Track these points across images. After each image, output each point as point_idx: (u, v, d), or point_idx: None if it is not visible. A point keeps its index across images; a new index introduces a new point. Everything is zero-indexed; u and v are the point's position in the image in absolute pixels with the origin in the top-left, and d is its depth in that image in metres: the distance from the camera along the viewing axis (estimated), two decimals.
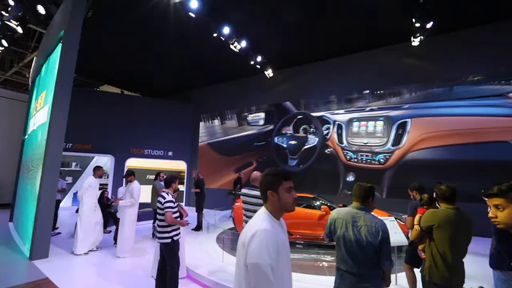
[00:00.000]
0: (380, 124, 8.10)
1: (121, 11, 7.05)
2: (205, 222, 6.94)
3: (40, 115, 5.89)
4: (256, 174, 3.51)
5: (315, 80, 9.71)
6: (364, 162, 8.25)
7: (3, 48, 8.42)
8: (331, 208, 5.37)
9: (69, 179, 11.41)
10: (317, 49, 8.88)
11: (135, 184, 5.13)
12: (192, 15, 6.49)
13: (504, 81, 6.67)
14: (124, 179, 5.31)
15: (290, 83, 10.36)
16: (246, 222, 3.48)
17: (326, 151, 9.12)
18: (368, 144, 8.19)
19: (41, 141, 5.33)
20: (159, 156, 11.81)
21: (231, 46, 7.81)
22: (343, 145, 8.75)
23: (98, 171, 5.26)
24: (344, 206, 5.69)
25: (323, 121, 9.37)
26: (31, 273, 4.19)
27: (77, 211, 6.05)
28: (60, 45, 5.15)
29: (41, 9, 6.87)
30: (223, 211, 9.12)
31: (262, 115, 11.51)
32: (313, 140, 9.53)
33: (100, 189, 5.66)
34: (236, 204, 5.70)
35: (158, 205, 3.25)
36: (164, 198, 3.21)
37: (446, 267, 2.21)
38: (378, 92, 8.36)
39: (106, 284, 3.89)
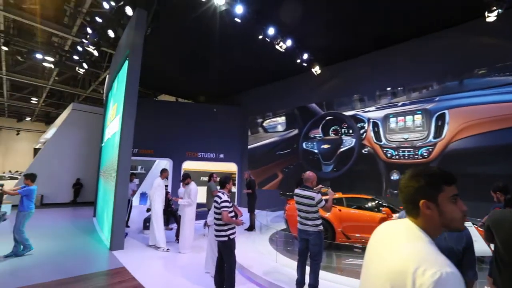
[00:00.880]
0: (418, 117, 7.63)
1: (172, 27, 7.68)
2: (257, 222, 7.09)
3: (113, 125, 6.77)
4: (309, 174, 3.47)
5: (350, 77, 9.29)
6: (406, 158, 7.73)
7: (84, 70, 9.92)
8: (394, 211, 4.98)
9: (136, 181, 12.82)
10: (357, 44, 8.48)
11: (192, 185, 5.52)
12: (238, 20, 6.72)
13: None
14: (181, 182, 5.76)
15: (330, 81, 9.97)
16: (301, 223, 3.45)
17: (363, 151, 8.60)
18: (409, 139, 7.68)
19: (114, 147, 6.13)
20: (211, 158, 12.47)
21: (277, 46, 7.86)
22: (381, 143, 8.22)
23: (164, 173, 5.83)
24: None
25: (357, 120, 8.86)
26: (111, 262, 4.83)
27: (148, 210, 6.76)
28: (126, 62, 5.85)
29: (111, 33, 7.90)
30: (274, 212, 9.18)
31: (280, 119, 11.27)
32: (349, 141, 9.02)
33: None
34: (288, 205, 5.69)
35: (215, 204, 3.44)
36: (220, 198, 3.39)
37: (502, 275, 1.88)
38: (411, 86, 7.82)
39: (170, 276, 4.27)
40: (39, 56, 9.95)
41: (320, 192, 3.58)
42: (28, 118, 24.68)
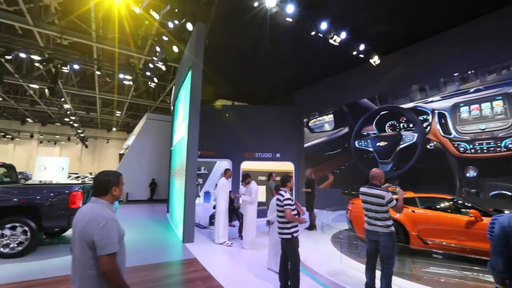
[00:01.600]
0: (498, 104, 6.37)
1: (226, 34, 8.12)
2: (318, 222, 6.96)
3: (181, 130, 7.52)
4: (376, 171, 3.27)
5: (408, 66, 8.31)
6: (485, 151, 6.50)
7: (154, 84, 11.28)
8: (485, 214, 4.31)
9: (200, 181, 13.92)
10: (418, 27, 7.55)
11: (253, 184, 5.74)
12: (289, 19, 6.73)
13: None
14: (242, 182, 6.05)
15: (385, 73, 9.07)
16: (369, 223, 3.27)
17: (428, 146, 7.53)
18: (487, 130, 6.44)
19: (182, 150, 6.80)
20: (268, 158, 12.69)
21: (330, 41, 7.59)
22: (451, 136, 7.11)
23: (228, 173, 6.24)
24: (497, 210, 4.45)
25: (417, 112, 7.82)
26: (184, 253, 5.38)
27: (214, 207, 7.30)
28: (189, 73, 6.45)
29: (175, 49, 8.80)
30: (335, 211, 8.85)
31: (328, 118, 10.50)
32: (410, 137, 8.03)
33: None
34: (351, 204, 5.44)
35: (277, 202, 3.53)
36: (283, 196, 3.46)
37: None
38: (486, 68, 6.56)
39: (235, 269, 4.53)
40: (121, 76, 11.69)
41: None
42: (114, 129, 29.15)
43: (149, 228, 7.75)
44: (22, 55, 10.19)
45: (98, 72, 11.40)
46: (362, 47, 8.25)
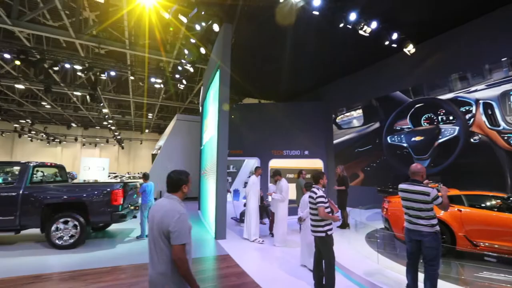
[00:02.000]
0: None
1: (251, 32, 8.13)
2: (352, 220, 6.76)
3: (210, 129, 7.72)
4: (417, 166, 3.10)
5: (446, 53, 7.65)
6: None
7: (183, 85, 11.69)
8: None
9: (229, 179, 14.18)
10: (458, 9, 6.88)
11: (283, 182, 5.73)
12: (316, 13, 6.58)
13: None
14: (272, 178, 6.07)
15: (420, 62, 8.44)
16: (410, 222, 3.09)
17: (471, 140, 6.87)
18: None
19: (212, 149, 6.97)
20: (296, 155, 12.55)
21: (360, 32, 7.29)
22: (500, 128, 6.39)
23: (258, 170, 6.30)
24: None
25: (458, 103, 7.14)
26: (217, 249, 5.53)
27: (244, 205, 7.42)
28: (217, 73, 6.59)
29: (202, 50, 9.03)
30: (369, 209, 8.52)
31: (356, 113, 9.89)
32: (450, 130, 7.37)
33: None
34: (387, 202, 5.20)
35: (310, 199, 3.49)
36: (316, 193, 3.41)
37: None
38: None
39: (268, 266, 4.57)
40: (152, 79, 12.29)
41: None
42: (147, 130, 30.74)
43: None
44: (67, 65, 11.11)
45: (131, 77, 12.07)
46: (395, 36, 7.81)
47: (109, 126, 23.21)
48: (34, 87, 16.27)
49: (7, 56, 10.09)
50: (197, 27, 7.90)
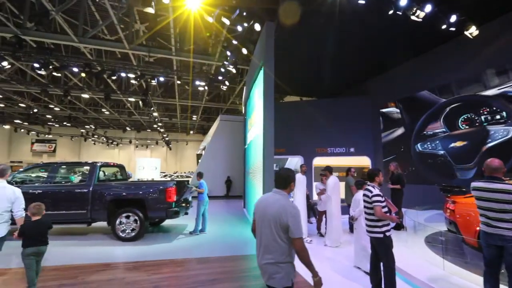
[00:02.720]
0: None
1: (292, 29, 7.96)
2: (410, 221, 6.23)
3: (254, 129, 7.79)
4: (494, 161, 2.72)
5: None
6: None
7: (226, 87, 12.02)
8: None
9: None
10: None
11: (331, 179, 5.52)
12: (362, 1, 6.20)
13: None
14: (321, 176, 5.90)
15: (455, 53, 7.28)
16: (488, 224, 2.70)
17: None
18: None
19: (258, 148, 7.02)
20: (341, 153, 12.02)
21: (413, 17, 6.66)
22: None
23: (303, 167, 6.19)
24: None
25: (509, 98, 5.98)
26: None
27: None
28: (261, 72, 6.61)
29: (244, 51, 9.16)
30: (427, 210, 7.77)
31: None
32: (502, 132, 6.17)
33: None
34: (452, 203, 4.65)
35: (365, 198, 3.29)
36: (371, 191, 3.20)
37: None
38: None
39: (319, 266, 4.33)
40: (196, 83, 12.88)
41: None
42: (191, 132, 32.42)
43: (230, 222, 8.30)
44: (122, 74, 12.23)
45: (178, 82, 12.79)
46: (453, 18, 6.98)
47: (158, 128, 25.02)
48: (96, 96, 18.28)
49: (75, 69, 11.47)
50: (239, 29, 8.05)
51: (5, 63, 11.07)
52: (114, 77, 12.09)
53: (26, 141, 31.42)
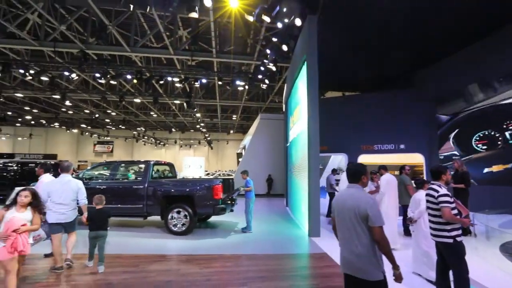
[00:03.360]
0: None
1: (333, 21, 7.63)
2: (481, 226, 5.54)
3: (297, 126, 7.65)
4: None
5: None
6: None
7: (266, 85, 12.03)
8: None
9: None
10: None
11: (384, 177, 5.15)
12: None
13: None
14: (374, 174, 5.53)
15: None
16: None
17: None
18: None
19: (301, 146, 6.88)
20: (390, 150, 11.18)
21: None
22: None
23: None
24: None
25: None
26: (312, 247, 5.40)
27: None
28: (304, 67, 6.45)
29: (284, 48, 9.05)
30: (500, 214, 6.81)
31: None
32: None
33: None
34: None
35: (429, 198, 2.98)
36: (437, 191, 2.88)
37: None
38: None
39: None
40: (236, 83, 13.13)
41: None
42: (231, 131, 33.29)
43: (273, 220, 8.29)
44: (169, 78, 13.02)
45: (219, 82, 13.19)
46: None
47: (200, 129, 26.17)
48: (146, 100, 19.78)
49: (128, 77, 12.54)
50: (279, 25, 7.96)
51: (73, 75, 12.59)
52: (161, 82, 12.92)
53: (89, 143, 35.47)
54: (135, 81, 13.12)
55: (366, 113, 11.39)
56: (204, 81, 13.34)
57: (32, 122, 28.28)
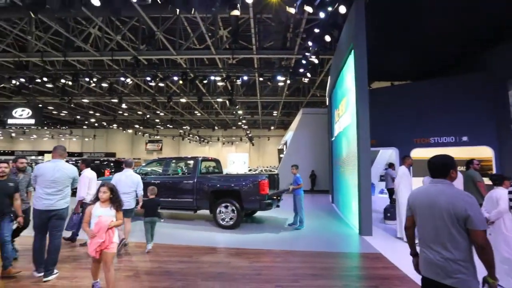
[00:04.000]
0: None
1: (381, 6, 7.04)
2: None
3: (343, 119, 7.29)
4: None
5: None
6: None
7: (308, 78, 11.71)
8: None
9: None
10: None
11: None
12: None
13: None
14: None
15: None
16: None
17: None
18: None
19: (349, 140, 6.54)
20: (449, 143, 10.00)
21: None
22: None
23: (408, 160, 5.42)
24: None
25: None
26: (365, 246, 5.11)
27: (392, 201, 6.63)
28: (350, 57, 6.09)
29: (327, 38, 8.66)
30: None
31: None
32: None
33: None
34: None
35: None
36: None
37: None
38: None
39: None
40: (277, 78, 13.03)
41: None
42: (272, 127, 33.33)
43: (321, 217, 8.07)
44: (211, 78, 13.47)
45: (260, 79, 13.23)
46: None
47: (242, 126, 26.67)
48: (190, 100, 20.81)
49: (175, 78, 13.29)
50: (322, 15, 7.64)
51: (128, 80, 13.81)
52: (205, 81, 13.44)
53: (142, 141, 38.82)
54: (180, 82, 13.86)
55: (419, 103, 10.37)
56: (245, 78, 13.50)
57: (96, 124, 31.90)
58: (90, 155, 35.83)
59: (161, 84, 15.78)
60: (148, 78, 12.75)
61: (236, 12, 7.34)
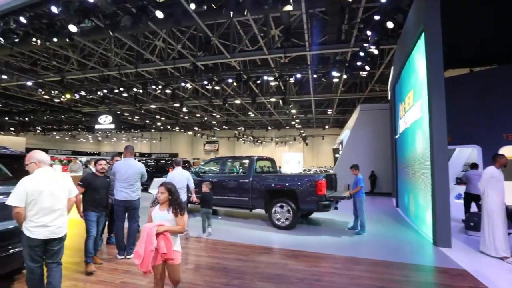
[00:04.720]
0: None
1: None
2: None
3: (411, 114, 6.48)
4: None
5: None
6: None
7: (366, 72, 10.83)
8: None
9: None
10: None
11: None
12: None
13: None
14: None
15: None
16: None
17: None
18: None
19: (417, 137, 5.77)
20: None
21: None
22: None
23: (501, 159, 4.46)
24: None
25: None
26: (443, 259, 4.41)
27: (479, 207, 5.65)
28: (419, 42, 5.36)
29: (389, 25, 7.83)
30: None
31: None
32: None
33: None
34: None
35: None
36: None
37: None
38: None
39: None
40: (332, 74, 12.39)
41: None
42: (327, 126, 32.03)
43: (386, 222, 7.32)
44: (265, 78, 13.56)
45: (314, 76, 12.78)
46: None
47: (295, 125, 26.28)
48: (244, 101, 21.37)
49: (229, 81, 13.79)
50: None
51: (188, 85, 14.90)
52: (258, 82, 13.60)
53: (200, 143, 41.67)
54: (235, 84, 14.31)
55: (509, 91, 8.60)
56: (298, 76, 13.23)
57: (161, 128, 35.38)
58: (158, 155, 39.93)
59: (217, 87, 16.58)
60: (205, 82, 13.51)
61: (289, 8, 7.19)
